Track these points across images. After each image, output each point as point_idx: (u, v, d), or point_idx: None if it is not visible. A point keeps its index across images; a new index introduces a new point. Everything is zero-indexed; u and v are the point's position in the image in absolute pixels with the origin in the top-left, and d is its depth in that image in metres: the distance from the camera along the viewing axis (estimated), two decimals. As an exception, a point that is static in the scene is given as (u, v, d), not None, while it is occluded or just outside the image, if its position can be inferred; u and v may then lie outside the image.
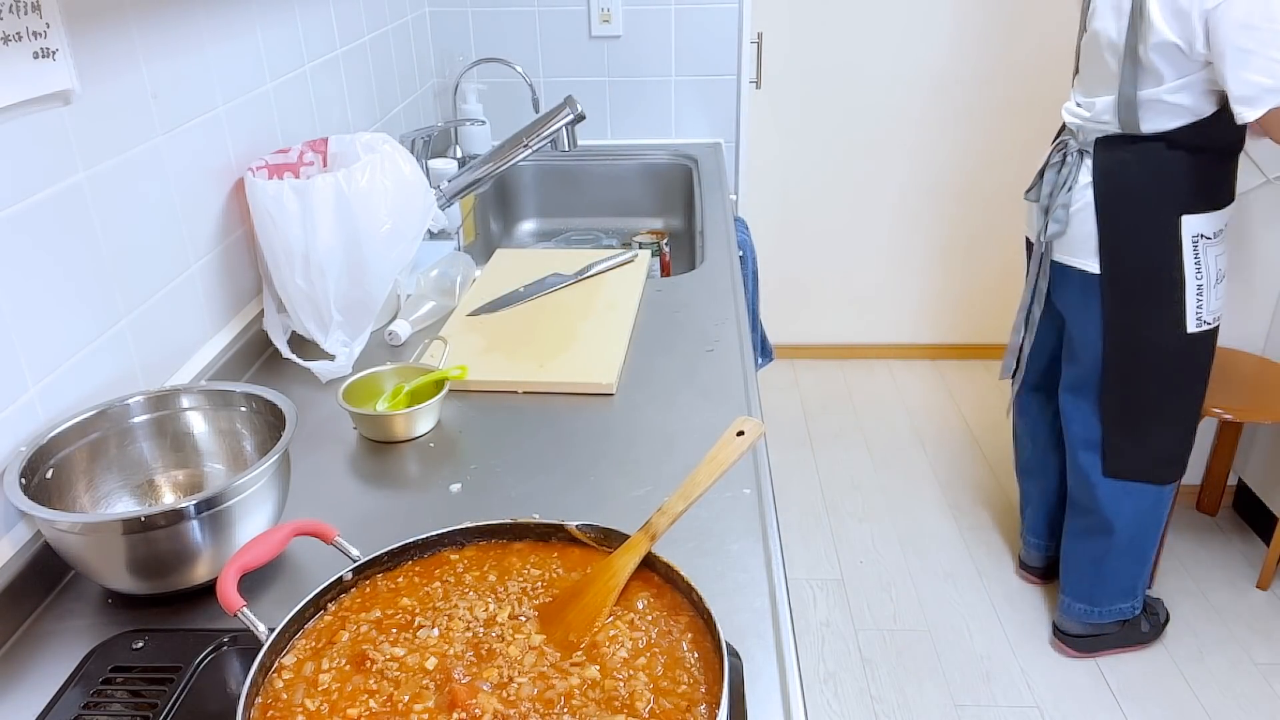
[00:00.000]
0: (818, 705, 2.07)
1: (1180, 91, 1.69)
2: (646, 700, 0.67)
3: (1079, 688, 2.10)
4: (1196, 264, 1.81)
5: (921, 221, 3.32)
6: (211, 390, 1.05)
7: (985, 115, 3.13)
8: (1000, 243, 3.32)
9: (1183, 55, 1.64)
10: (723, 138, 2.46)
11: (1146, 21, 1.65)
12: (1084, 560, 2.12)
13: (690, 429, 1.18)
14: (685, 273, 1.69)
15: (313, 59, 1.61)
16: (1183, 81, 1.68)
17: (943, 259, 3.38)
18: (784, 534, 2.57)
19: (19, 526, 0.92)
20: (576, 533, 0.83)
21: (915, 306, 3.47)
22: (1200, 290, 1.83)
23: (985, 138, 3.17)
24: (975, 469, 2.88)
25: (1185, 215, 1.79)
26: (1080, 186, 1.85)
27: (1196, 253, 1.81)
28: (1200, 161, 1.78)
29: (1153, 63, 1.68)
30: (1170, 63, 1.66)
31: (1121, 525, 2.04)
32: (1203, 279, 1.82)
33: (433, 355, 1.35)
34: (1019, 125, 3.13)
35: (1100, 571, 2.10)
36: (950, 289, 3.42)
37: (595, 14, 2.33)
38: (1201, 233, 1.80)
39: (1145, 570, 2.12)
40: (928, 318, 3.48)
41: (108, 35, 1.05)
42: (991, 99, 3.11)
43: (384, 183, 1.30)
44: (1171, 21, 1.62)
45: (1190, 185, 1.79)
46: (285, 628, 0.73)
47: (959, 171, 3.24)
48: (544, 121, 1.76)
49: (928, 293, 3.44)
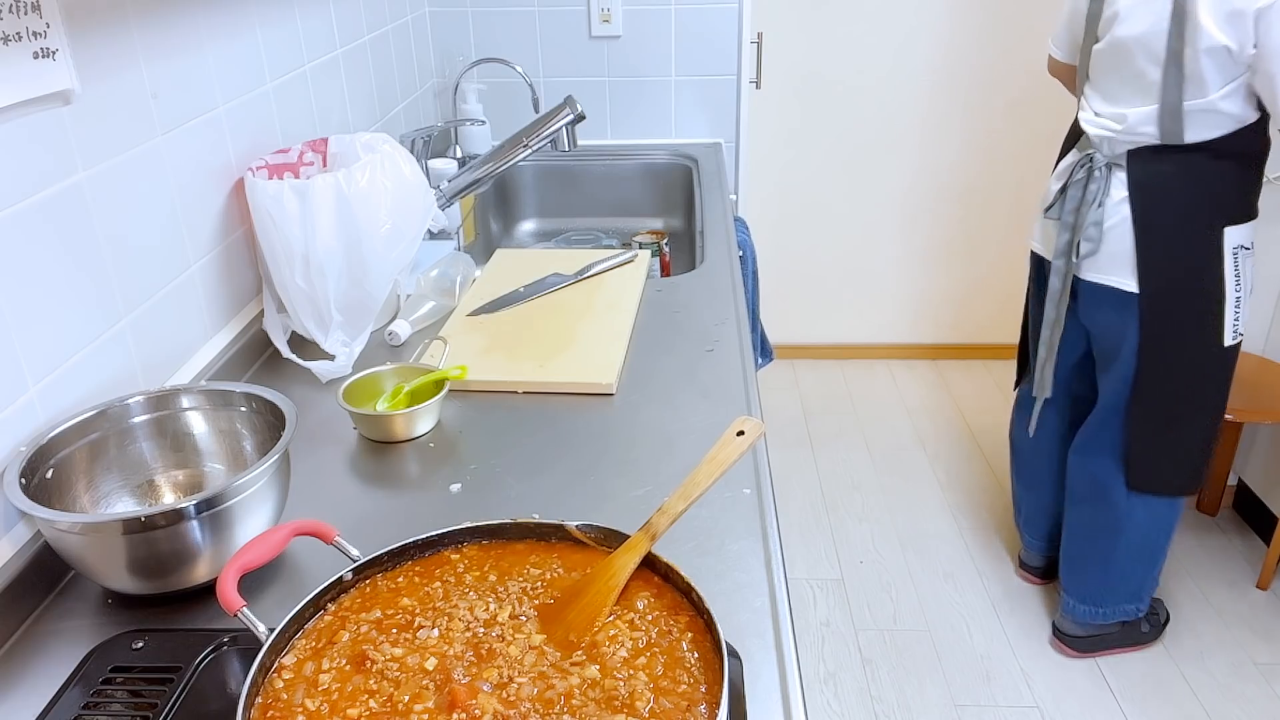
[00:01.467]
0: (818, 705, 2.07)
1: (1229, 98, 1.65)
2: (646, 700, 0.67)
3: (1079, 688, 2.10)
4: (1236, 275, 1.77)
5: (921, 221, 3.32)
6: (211, 390, 1.05)
7: (985, 115, 3.14)
8: (1000, 243, 3.32)
9: (1231, 59, 1.60)
10: (723, 138, 2.46)
11: (1194, 25, 1.60)
12: (1091, 561, 2.10)
13: (690, 429, 1.18)
14: (685, 273, 1.69)
15: (313, 59, 1.61)
16: (1230, 87, 1.63)
17: (942, 259, 3.38)
18: (784, 534, 2.57)
19: (19, 526, 0.92)
20: (576, 533, 0.83)
21: (915, 306, 3.47)
22: (1239, 302, 1.79)
23: (985, 138, 3.17)
24: (975, 469, 2.88)
25: (1228, 226, 1.75)
26: (1114, 202, 1.79)
27: (1237, 264, 1.77)
28: (1240, 169, 1.74)
29: (1199, 69, 1.63)
30: (1219, 67, 1.62)
31: (1133, 528, 2.02)
32: (1240, 290, 1.79)
33: (433, 355, 1.35)
34: (1019, 125, 3.13)
35: (1108, 573, 2.08)
36: (950, 289, 3.42)
37: (595, 14, 2.33)
38: (1241, 243, 1.77)
39: (1154, 573, 2.11)
40: (928, 318, 3.48)
41: (108, 35, 1.05)
42: (991, 99, 3.11)
43: (384, 183, 1.30)
44: (1225, 25, 1.57)
45: (1233, 195, 1.75)
46: (285, 628, 0.73)
47: (959, 171, 3.24)
48: (544, 121, 1.76)
49: (928, 293, 3.44)
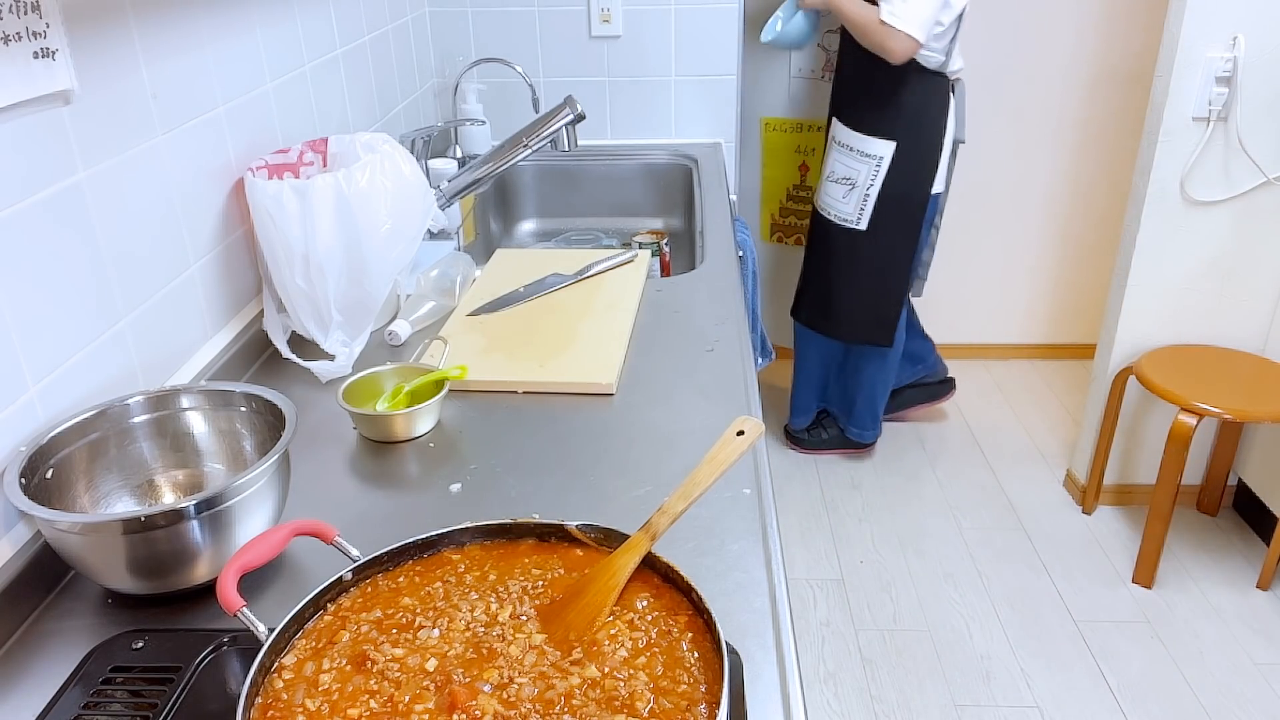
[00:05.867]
0: (818, 705, 2.07)
1: None
2: (646, 700, 0.67)
3: (1079, 688, 2.10)
4: None
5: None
6: (211, 390, 1.05)
7: (982, 114, 3.13)
8: (999, 243, 3.31)
9: None
10: (723, 138, 2.46)
11: None
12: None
13: (690, 429, 1.18)
14: (685, 273, 1.69)
15: (313, 59, 1.61)
16: None
17: (941, 259, 3.38)
18: (784, 534, 2.57)
19: (19, 526, 0.92)
20: (576, 533, 0.83)
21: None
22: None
23: (982, 136, 3.17)
24: (975, 469, 2.88)
25: None
26: None
27: None
28: None
29: None
30: None
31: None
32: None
33: (433, 355, 1.35)
34: (1020, 126, 3.13)
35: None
36: (949, 288, 3.42)
37: (595, 14, 2.33)
38: None
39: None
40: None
41: (108, 35, 1.05)
42: (1002, 100, 3.10)
43: (384, 183, 1.30)
44: None
45: None
46: (285, 628, 0.73)
47: (956, 171, 3.23)
48: (544, 121, 1.76)
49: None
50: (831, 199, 2.54)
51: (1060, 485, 2.80)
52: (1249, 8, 2.15)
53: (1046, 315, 3.45)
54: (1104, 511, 2.67)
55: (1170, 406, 2.30)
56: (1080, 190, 3.25)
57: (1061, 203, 3.25)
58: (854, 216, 2.50)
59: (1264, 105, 2.22)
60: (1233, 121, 2.24)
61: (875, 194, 2.45)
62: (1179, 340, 2.49)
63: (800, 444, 2.96)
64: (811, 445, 2.95)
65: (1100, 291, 2.93)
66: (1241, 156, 2.28)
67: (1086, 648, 2.20)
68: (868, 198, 2.46)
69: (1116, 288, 2.51)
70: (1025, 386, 3.34)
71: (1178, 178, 2.33)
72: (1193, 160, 2.30)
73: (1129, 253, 2.44)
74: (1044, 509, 2.70)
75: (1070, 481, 2.77)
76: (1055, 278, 3.37)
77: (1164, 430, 2.33)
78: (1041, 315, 3.45)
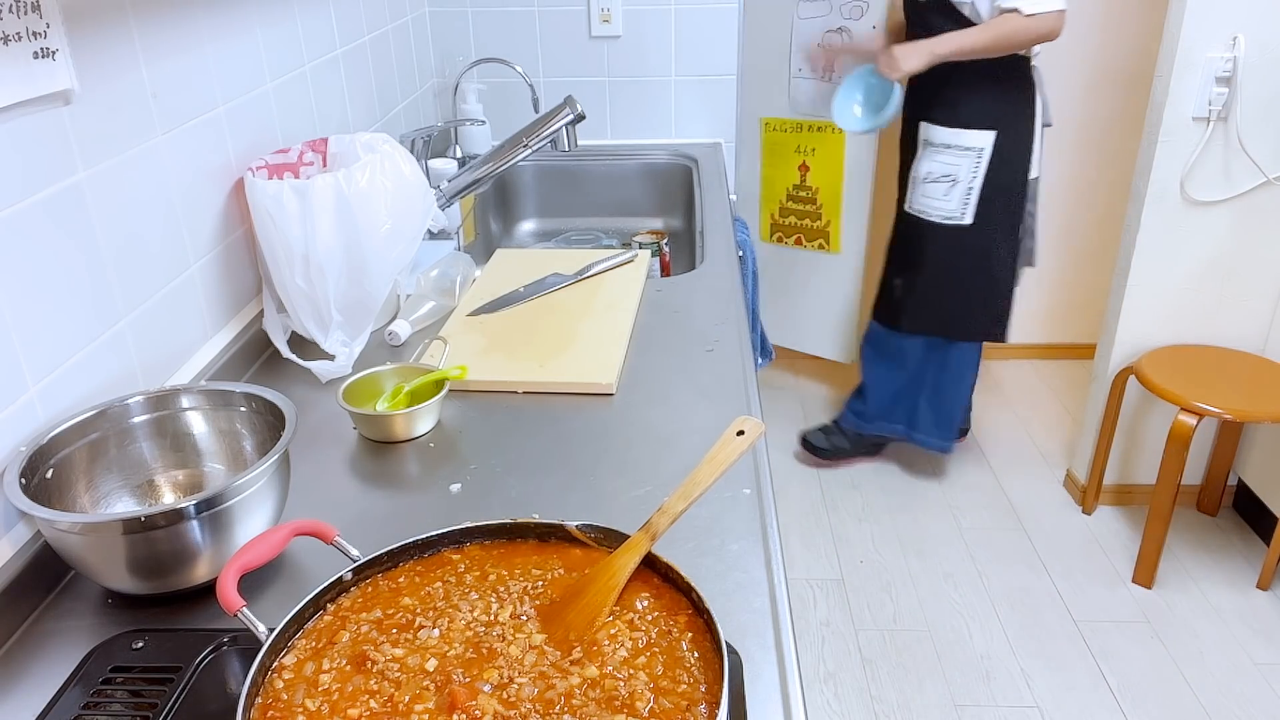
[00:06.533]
0: (818, 705, 2.07)
1: None
2: (646, 700, 0.67)
3: (1079, 688, 2.10)
4: None
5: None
6: (211, 390, 1.05)
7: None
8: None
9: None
10: (723, 138, 2.46)
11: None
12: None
13: (690, 429, 1.18)
14: (685, 273, 1.69)
15: (312, 59, 1.61)
16: None
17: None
18: (784, 534, 2.57)
19: (19, 526, 0.92)
20: (576, 533, 0.83)
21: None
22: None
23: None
24: (975, 469, 2.88)
25: None
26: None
27: None
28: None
29: None
30: None
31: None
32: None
33: (433, 355, 1.35)
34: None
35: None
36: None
37: (595, 14, 2.33)
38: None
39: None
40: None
41: (108, 35, 1.05)
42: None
43: (384, 183, 1.30)
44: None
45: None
46: (285, 628, 0.73)
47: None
48: (544, 121, 1.76)
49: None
50: (930, 199, 2.48)
51: (1060, 485, 2.80)
52: (1249, 8, 2.15)
53: (1046, 315, 3.45)
54: (1104, 511, 2.67)
55: (1170, 406, 2.30)
56: (1080, 190, 3.25)
57: (1061, 203, 3.25)
58: (958, 212, 2.44)
59: (1264, 105, 2.23)
60: (1233, 121, 2.25)
61: (979, 186, 2.40)
62: (1179, 340, 2.50)
63: (821, 454, 2.89)
64: (831, 455, 2.89)
65: (1100, 291, 2.93)
66: (1241, 156, 2.28)
67: (1086, 648, 2.21)
68: (971, 190, 2.41)
69: (1116, 288, 2.51)
70: (1025, 386, 3.34)
71: (1178, 178, 2.33)
72: (1193, 160, 2.30)
73: (1129, 253, 2.44)
74: (1044, 509, 2.70)
75: (1070, 481, 2.77)
76: (1055, 278, 3.38)
77: (1164, 430, 2.33)
78: (1041, 315, 3.45)
